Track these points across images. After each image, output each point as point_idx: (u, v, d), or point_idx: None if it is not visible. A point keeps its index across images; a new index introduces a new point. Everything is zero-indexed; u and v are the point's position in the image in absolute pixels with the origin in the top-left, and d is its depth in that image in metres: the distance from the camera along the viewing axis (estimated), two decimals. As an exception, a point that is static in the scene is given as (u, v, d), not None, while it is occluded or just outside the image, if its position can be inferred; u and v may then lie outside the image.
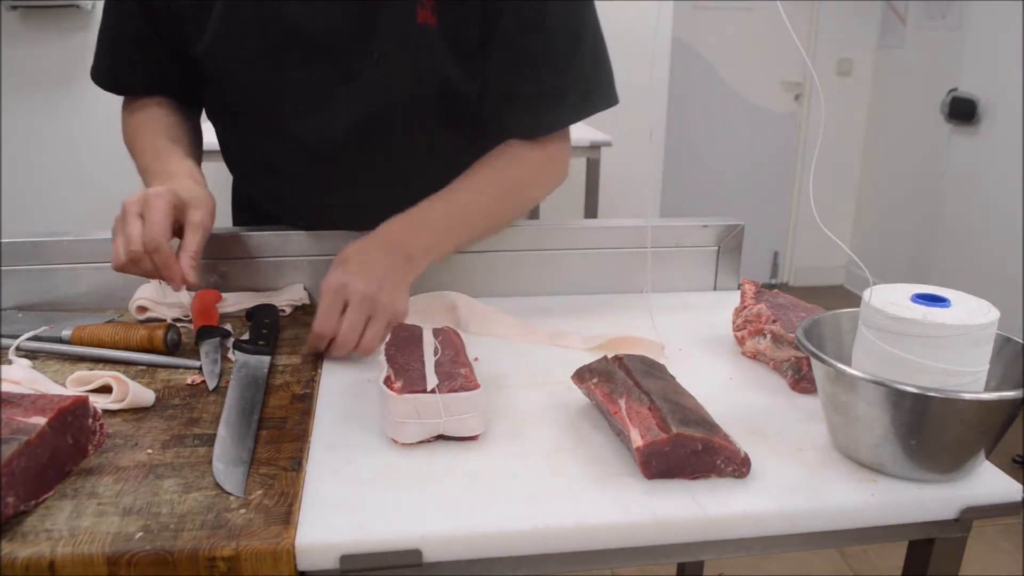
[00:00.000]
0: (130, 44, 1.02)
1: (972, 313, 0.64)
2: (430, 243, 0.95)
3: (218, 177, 1.10)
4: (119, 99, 1.09)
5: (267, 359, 0.86)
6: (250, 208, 1.18)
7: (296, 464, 0.67)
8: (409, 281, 0.91)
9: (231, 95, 1.02)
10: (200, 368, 0.84)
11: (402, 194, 0.98)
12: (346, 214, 1.04)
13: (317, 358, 0.88)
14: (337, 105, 0.99)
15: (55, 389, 0.77)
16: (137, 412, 0.76)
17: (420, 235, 0.94)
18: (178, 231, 0.86)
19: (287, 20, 0.94)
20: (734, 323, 0.94)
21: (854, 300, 0.76)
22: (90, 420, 0.68)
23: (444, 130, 1.03)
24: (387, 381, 0.71)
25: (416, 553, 0.59)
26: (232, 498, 0.62)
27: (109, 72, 1.05)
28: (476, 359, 0.84)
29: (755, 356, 0.90)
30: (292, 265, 1.05)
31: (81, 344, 0.88)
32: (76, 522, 0.59)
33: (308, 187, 1.05)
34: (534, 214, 1.27)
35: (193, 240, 0.86)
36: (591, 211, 2.86)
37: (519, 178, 1.03)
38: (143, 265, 0.82)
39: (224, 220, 0.97)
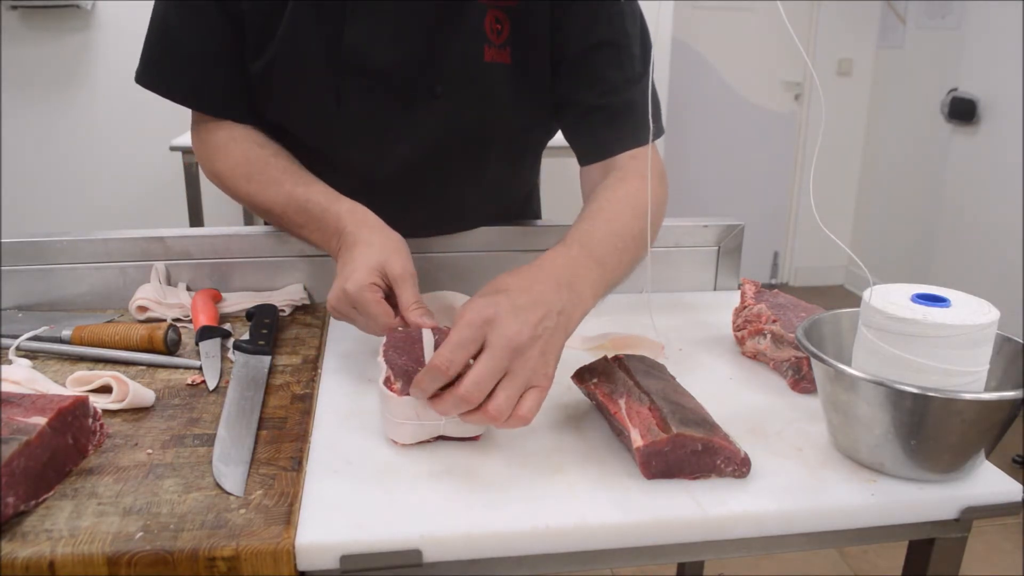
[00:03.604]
0: (214, 58, 0.94)
1: (972, 313, 0.64)
2: (598, 279, 0.79)
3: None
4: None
5: (267, 359, 0.86)
6: None
7: (296, 464, 0.67)
8: (564, 340, 0.72)
9: (284, 117, 0.98)
10: (200, 368, 0.84)
11: (448, 220, 0.99)
12: None
13: (317, 359, 0.88)
14: (394, 137, 0.97)
15: (55, 389, 0.77)
16: (137, 412, 0.76)
17: (590, 272, 0.78)
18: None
19: (350, 49, 0.92)
20: (734, 323, 0.94)
21: (854, 300, 0.76)
22: (90, 420, 0.68)
23: (496, 163, 1.05)
24: (387, 382, 0.71)
25: (416, 553, 0.59)
26: (232, 498, 0.62)
27: (190, 87, 0.97)
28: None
29: (755, 356, 0.90)
30: (292, 265, 1.05)
31: (81, 344, 0.88)
32: (76, 522, 0.59)
33: None
34: (536, 214, 1.26)
35: (406, 294, 0.80)
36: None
37: (654, 184, 0.91)
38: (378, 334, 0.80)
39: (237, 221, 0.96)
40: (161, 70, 0.96)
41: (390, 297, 0.82)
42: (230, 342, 0.89)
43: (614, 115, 0.97)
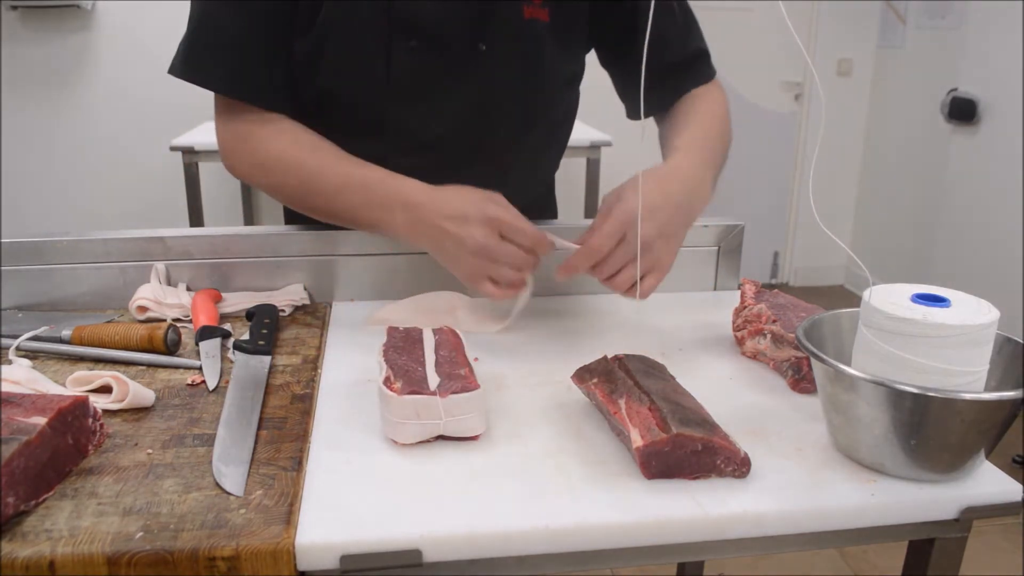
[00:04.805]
0: (257, 48, 0.95)
1: (972, 313, 0.64)
2: (712, 175, 0.96)
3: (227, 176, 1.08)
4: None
5: (267, 359, 0.86)
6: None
7: (296, 464, 0.67)
8: (687, 231, 0.91)
9: (332, 89, 1.00)
10: (200, 368, 0.84)
11: (496, 185, 0.99)
12: None
13: (317, 359, 0.88)
14: (441, 96, 1.00)
15: (55, 389, 0.77)
16: (137, 412, 0.76)
17: (706, 171, 0.95)
18: None
19: (399, 10, 0.95)
20: (734, 323, 0.94)
21: (854, 300, 0.76)
22: (90, 420, 0.68)
23: (535, 122, 1.08)
24: (387, 382, 0.71)
25: (416, 553, 0.59)
26: (232, 498, 0.62)
27: (232, 76, 0.96)
28: (476, 359, 0.84)
29: (755, 356, 0.90)
30: (292, 265, 1.05)
31: (81, 344, 0.88)
32: (76, 522, 0.59)
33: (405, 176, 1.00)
34: (552, 214, 1.28)
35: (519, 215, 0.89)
36: (591, 211, 2.86)
37: (724, 107, 1.10)
38: (530, 265, 0.88)
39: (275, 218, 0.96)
40: (202, 61, 0.96)
41: None
42: (230, 342, 0.89)
43: (684, 71, 1.09)
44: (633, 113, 1.13)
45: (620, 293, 0.86)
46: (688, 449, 0.64)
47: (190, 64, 0.96)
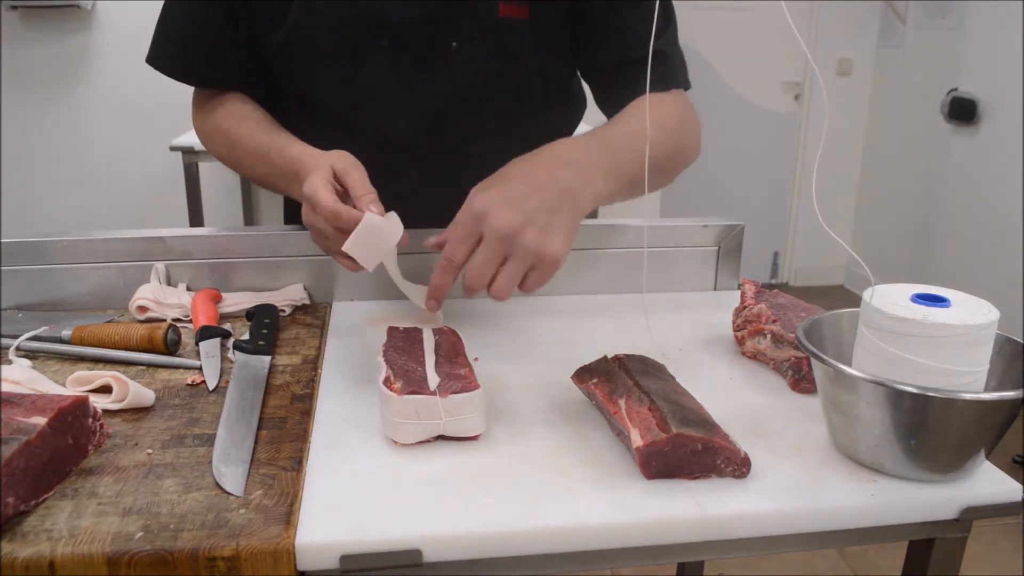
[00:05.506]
0: (207, 35, 1.00)
1: (972, 313, 0.64)
2: (609, 164, 0.82)
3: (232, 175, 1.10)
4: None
5: (267, 359, 0.86)
6: None
7: (296, 464, 0.67)
8: (574, 217, 0.77)
9: (304, 87, 1.02)
10: (200, 368, 0.84)
11: (472, 185, 0.99)
12: (413, 205, 0.99)
13: (317, 359, 0.88)
14: (412, 96, 1.00)
15: (55, 389, 0.77)
16: (137, 412, 0.76)
17: (599, 155, 0.82)
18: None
19: (369, 9, 0.95)
20: (734, 323, 0.94)
21: (854, 300, 0.76)
22: (90, 420, 0.68)
23: (515, 123, 1.06)
24: (387, 382, 0.71)
25: (416, 553, 0.59)
26: (232, 498, 0.62)
27: (182, 62, 1.04)
28: (476, 359, 0.84)
29: (755, 356, 0.90)
30: (292, 265, 1.05)
31: (81, 344, 0.88)
32: (76, 522, 0.59)
33: (377, 177, 0.97)
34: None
35: (355, 183, 0.82)
36: (591, 211, 2.86)
37: (670, 114, 0.98)
38: (334, 243, 0.81)
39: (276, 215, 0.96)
40: (160, 49, 1.03)
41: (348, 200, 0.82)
42: (230, 342, 0.89)
43: (641, 67, 0.96)
44: (612, 113, 1.12)
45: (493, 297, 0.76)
46: (688, 449, 0.64)
47: (153, 52, 1.04)
